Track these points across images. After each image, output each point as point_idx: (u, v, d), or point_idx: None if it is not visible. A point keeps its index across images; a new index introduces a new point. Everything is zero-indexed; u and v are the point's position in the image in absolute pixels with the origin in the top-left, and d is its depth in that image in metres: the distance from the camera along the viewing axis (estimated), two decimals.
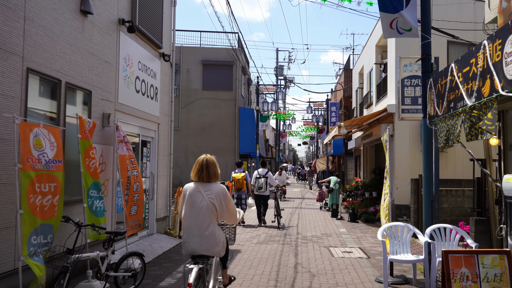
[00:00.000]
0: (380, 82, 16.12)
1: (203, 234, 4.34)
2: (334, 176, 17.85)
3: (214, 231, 4.40)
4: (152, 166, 9.93)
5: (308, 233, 10.98)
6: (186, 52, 25.50)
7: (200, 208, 4.39)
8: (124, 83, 8.11)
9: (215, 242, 4.41)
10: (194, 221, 4.39)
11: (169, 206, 10.83)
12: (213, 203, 4.41)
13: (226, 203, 4.53)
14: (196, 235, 4.35)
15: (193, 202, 4.43)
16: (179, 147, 25.30)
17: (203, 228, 4.35)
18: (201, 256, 4.38)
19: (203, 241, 4.34)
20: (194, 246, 4.36)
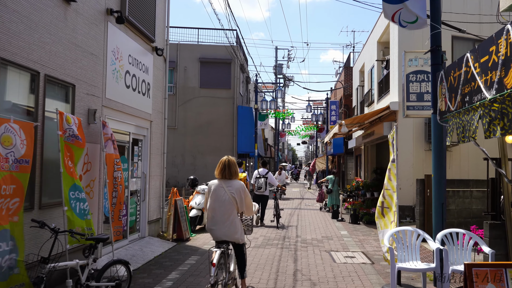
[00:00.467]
0: (382, 79, 15.64)
1: (225, 223, 5.19)
2: (331, 175, 17.41)
3: (234, 221, 5.26)
4: (144, 165, 9.43)
5: (308, 236, 10.49)
6: (183, 49, 24.99)
7: (223, 201, 5.23)
8: (112, 77, 7.61)
9: (235, 230, 5.25)
10: (218, 212, 5.22)
11: (162, 208, 10.34)
12: (234, 197, 5.24)
13: (245, 197, 5.35)
14: (219, 224, 5.20)
15: (217, 196, 5.27)
16: (176, 147, 24.82)
17: (225, 218, 5.20)
18: (223, 242, 5.21)
19: (225, 229, 5.19)
20: (217, 233, 5.21)
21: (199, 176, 25.11)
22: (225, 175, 5.45)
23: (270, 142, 47.92)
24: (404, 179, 13.00)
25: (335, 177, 17.24)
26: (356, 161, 22.97)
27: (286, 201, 20.60)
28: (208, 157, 24.69)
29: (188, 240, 9.95)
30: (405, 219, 12.76)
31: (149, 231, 9.61)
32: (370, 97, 18.08)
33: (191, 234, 10.51)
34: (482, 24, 12.95)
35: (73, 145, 5.81)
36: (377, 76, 16.58)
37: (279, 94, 25.01)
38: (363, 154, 19.70)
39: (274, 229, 11.59)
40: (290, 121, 39.36)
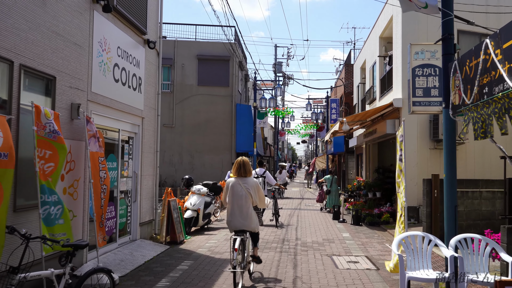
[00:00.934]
0: (385, 75, 15.14)
1: (242, 215, 6.03)
2: (329, 175, 16.96)
3: (250, 213, 6.12)
4: (135, 164, 8.92)
5: (308, 239, 9.99)
6: (181, 46, 24.50)
7: (240, 196, 6.07)
8: (99, 70, 7.10)
9: (251, 221, 6.12)
10: (236, 205, 6.07)
11: (155, 209, 9.84)
12: (249, 192, 6.08)
13: (258, 192, 6.20)
14: (238, 216, 6.05)
15: (235, 192, 6.10)
16: (173, 145, 24.32)
17: (243, 210, 6.04)
18: (241, 231, 6.05)
19: (243, 220, 6.03)
20: (236, 224, 6.06)
21: (197, 176, 24.65)
22: (241, 173, 6.26)
23: (270, 141, 47.44)
24: (408, 179, 12.47)
25: (332, 177, 16.78)
26: (357, 160, 22.48)
27: (285, 201, 20.10)
28: (206, 156, 24.21)
29: (182, 243, 9.46)
30: (409, 220, 12.27)
31: (141, 233, 9.11)
32: (371, 95, 17.58)
33: (186, 237, 10.01)
34: (488, 16, 12.46)
35: (55, 142, 5.30)
36: (379, 73, 16.08)
37: (279, 92, 24.48)
38: (365, 153, 19.20)
39: (273, 229, 11.10)
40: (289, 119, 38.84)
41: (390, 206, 13.43)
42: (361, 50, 20.93)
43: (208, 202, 11.38)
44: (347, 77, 24.96)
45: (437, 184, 8.61)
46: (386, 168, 18.10)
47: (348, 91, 24.79)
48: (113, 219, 7.82)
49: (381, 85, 15.77)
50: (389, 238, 10.22)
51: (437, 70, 8.64)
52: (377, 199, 15.43)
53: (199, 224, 10.94)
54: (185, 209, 10.84)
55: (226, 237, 10.04)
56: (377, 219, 12.66)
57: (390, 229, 11.48)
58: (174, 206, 9.64)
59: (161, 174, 23.97)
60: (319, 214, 15.31)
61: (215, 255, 8.16)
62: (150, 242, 9.06)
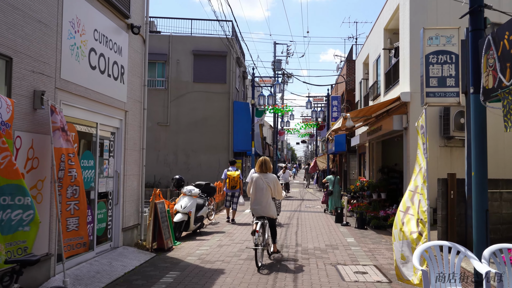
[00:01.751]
0: (390, 69, 14.25)
1: (263, 203, 7.35)
2: (331, 176, 16.13)
3: (270, 202, 7.43)
4: (117, 163, 8.02)
5: (309, 245, 9.09)
6: (176, 41, 23.59)
7: (262, 188, 7.39)
8: (70, 54, 6.20)
9: (270, 209, 7.42)
10: (258, 196, 7.39)
11: (141, 212, 8.93)
12: (269, 186, 7.42)
13: (277, 185, 7.54)
14: (259, 204, 7.37)
15: (257, 185, 7.44)
16: (168, 144, 23.41)
17: (264, 200, 7.36)
18: (262, 217, 7.34)
19: (264, 208, 7.35)
20: (258, 211, 7.37)
21: (192, 176, 23.72)
22: (263, 169, 7.65)
23: (269, 141, 46.54)
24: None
25: (335, 177, 16.01)
26: (359, 159, 21.58)
27: (284, 202, 19.19)
28: (202, 155, 23.30)
29: (171, 250, 8.55)
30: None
31: (124, 240, 8.20)
32: (375, 90, 16.69)
33: (175, 243, 9.10)
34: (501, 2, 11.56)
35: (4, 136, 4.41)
36: (384, 67, 15.19)
37: (278, 89, 23.57)
38: (368, 151, 18.31)
39: None
40: (289, 118, 37.97)
41: (396, 208, 12.51)
42: (364, 45, 20.04)
43: (200, 204, 10.48)
44: (349, 74, 24.07)
45: (454, 184, 7.72)
46: (391, 167, 17.25)
47: (350, 88, 23.90)
48: (90, 224, 6.91)
49: (386, 79, 14.88)
50: None
51: (453, 57, 7.75)
52: (382, 201, 14.54)
53: (190, 229, 10.04)
54: (175, 212, 9.94)
55: (219, 243, 9.14)
56: (383, 222, 11.76)
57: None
58: (161, 209, 8.73)
59: (155, 174, 23.09)
60: (320, 217, 14.40)
61: (205, 264, 7.25)
62: (134, 249, 8.15)
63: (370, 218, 12.11)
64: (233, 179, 12.41)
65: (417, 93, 11.64)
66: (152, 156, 23.21)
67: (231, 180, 12.41)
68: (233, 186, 12.43)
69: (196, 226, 10.23)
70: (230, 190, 12.48)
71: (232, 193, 12.53)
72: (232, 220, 12.45)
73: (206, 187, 11.26)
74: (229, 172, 12.53)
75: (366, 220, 11.99)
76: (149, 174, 22.87)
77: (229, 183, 12.43)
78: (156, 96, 23.34)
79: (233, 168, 12.75)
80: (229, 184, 12.44)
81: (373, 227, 11.74)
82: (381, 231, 11.22)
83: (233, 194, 12.54)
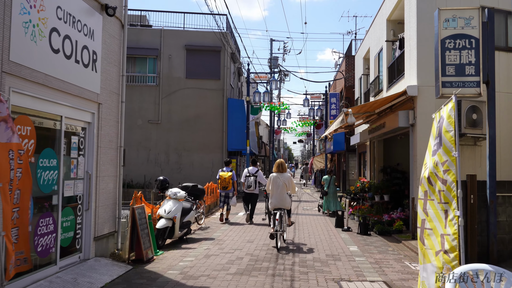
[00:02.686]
0: (394, 62, 13.28)
1: (280, 198, 9.01)
2: (326, 176, 15.42)
3: (286, 196, 9.12)
4: (88, 162, 7.00)
5: (308, 255, 8.09)
6: (168, 36, 22.60)
7: (278, 186, 9.01)
8: (24, 32, 5.18)
9: (286, 202, 9.09)
10: (276, 191, 9.02)
11: (118, 218, 7.92)
12: (285, 183, 9.05)
13: (291, 183, 9.20)
14: (277, 198, 9.01)
15: (275, 183, 9.07)
16: (159, 143, 22.39)
17: (280, 195, 9.02)
18: (279, 208, 8.97)
19: (281, 201, 9.01)
20: (276, 204, 9.01)
21: (185, 176, 22.68)
22: (280, 170, 9.21)
23: (265, 140, 45.54)
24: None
25: (331, 177, 15.29)
26: (359, 159, 20.62)
27: None
28: (195, 154, 22.30)
29: (151, 261, 7.54)
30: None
31: (97, 250, 7.19)
32: (377, 85, 15.72)
33: (157, 252, 8.10)
34: None
35: None
36: (387, 60, 14.22)
37: (274, 85, 22.56)
38: (369, 151, 17.34)
39: (265, 241, 9.18)
40: (286, 117, 37.00)
41: (402, 212, 11.56)
42: (364, 38, 19.07)
43: (187, 208, 9.48)
44: (348, 70, 23.10)
45: (474, 188, 6.75)
46: (393, 167, 16.31)
47: (349, 84, 22.94)
48: (51, 234, 5.90)
49: (389, 73, 13.92)
50: (407, 254, 8.34)
51: (473, 42, 6.76)
52: (384, 203, 13.58)
53: (175, 236, 9.03)
54: (158, 217, 8.94)
55: (206, 253, 8.14)
56: (387, 228, 10.79)
57: (405, 239, 9.61)
58: (140, 214, 7.73)
59: (145, 174, 22.08)
60: (319, 220, 13.41)
61: (187, 280, 6.25)
62: (109, 261, 7.14)
63: (373, 223, 11.14)
64: (224, 180, 12.40)
65: (425, 86, 10.68)
66: (142, 155, 22.21)
67: (222, 181, 12.44)
68: (224, 187, 12.44)
69: (182, 233, 9.22)
70: (222, 190, 12.56)
71: (225, 193, 12.56)
72: (225, 219, 12.56)
73: (193, 189, 10.26)
74: (221, 173, 12.58)
75: (369, 225, 11.01)
76: (139, 174, 21.90)
77: (221, 183, 12.49)
78: (147, 92, 22.35)
79: (227, 168, 12.73)
80: (221, 185, 12.50)
81: (377, 233, 10.76)
82: (386, 238, 10.24)
83: (226, 194, 12.57)
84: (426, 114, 10.68)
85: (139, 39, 22.34)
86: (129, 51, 22.53)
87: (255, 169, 12.39)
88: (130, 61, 22.48)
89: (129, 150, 22.13)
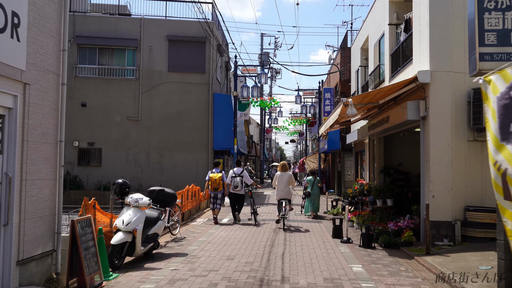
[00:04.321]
0: (398, 47, 11.66)
1: (284, 191, 11.83)
2: (310, 177, 14.89)
3: (289, 189, 11.94)
4: (8, 161, 5.24)
5: (301, 279, 6.38)
6: (148, 25, 20.83)
7: (282, 181, 11.86)
8: None
9: (289, 194, 11.94)
10: (281, 186, 11.86)
11: (58, 232, 6.16)
12: (288, 180, 11.91)
13: (292, 179, 12.15)
14: (282, 191, 11.83)
15: (281, 179, 11.91)
16: (139, 142, 20.58)
17: (284, 189, 11.85)
18: (283, 199, 11.64)
19: (284, 193, 11.81)
20: (282, 195, 11.78)
21: (167, 178, 20.85)
22: (283, 169, 12.31)
23: (256, 139, 43.85)
24: (439, 183, 9.01)
25: (315, 178, 14.54)
26: (356, 158, 18.99)
27: (269, 208, 16.47)
28: (177, 154, 20.53)
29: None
30: (441, 240, 8.78)
31: (24, 277, 5.43)
32: (377, 76, 14.08)
33: (108, 276, 6.34)
34: None
35: None
36: (389, 47, 12.58)
37: (263, 79, 20.84)
38: (368, 149, 15.70)
39: (248, 258, 7.47)
40: (277, 115, 35.29)
41: (410, 220, 9.90)
42: (362, 27, 17.43)
43: (152, 218, 7.74)
44: (343, 63, 21.47)
45: None
46: (395, 168, 14.72)
47: (344, 78, 21.31)
48: None
49: (393, 61, 12.29)
50: (425, 275, 6.66)
51: None
52: (387, 208, 11.93)
53: (136, 253, 7.28)
54: (114, 230, 7.18)
55: (173, 276, 6.40)
56: (395, 239, 9.11)
57: (417, 254, 7.95)
58: (84, 230, 5.98)
59: (123, 175, 20.23)
60: (313, 228, 11.71)
61: None
62: None
63: (377, 233, 9.46)
64: (215, 181, 12.42)
65: (440, 72, 9.06)
66: (120, 155, 20.42)
67: (213, 182, 12.45)
68: (215, 188, 12.45)
69: (145, 249, 7.47)
70: (212, 192, 12.55)
71: (214, 194, 12.57)
72: (214, 218, 12.60)
73: (160, 194, 8.49)
74: (211, 174, 12.59)
75: (373, 236, 9.32)
76: (117, 175, 19.97)
77: (211, 185, 12.48)
78: (126, 87, 20.57)
79: (217, 169, 12.67)
80: (212, 186, 12.48)
81: (383, 245, 9.08)
82: (395, 252, 8.56)
83: (216, 196, 12.57)
84: (441, 105, 9.05)
85: (117, 29, 20.56)
86: (106, 42, 20.95)
87: (240, 170, 12.64)
88: (107, 52, 20.71)
89: (106, 150, 20.38)
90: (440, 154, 8.99)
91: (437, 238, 8.80)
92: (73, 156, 20.15)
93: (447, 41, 9.09)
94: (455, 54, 9.07)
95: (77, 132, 20.04)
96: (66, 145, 20.88)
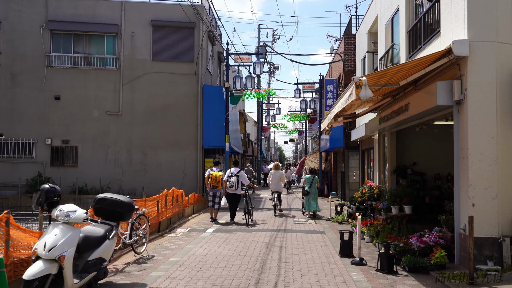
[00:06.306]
0: (419, 20, 9.59)
1: (277, 185, 15.46)
2: (309, 175, 14.67)
3: (280, 184, 15.69)
4: None
5: None
6: (130, 9, 18.74)
7: (275, 177, 15.57)
8: None
9: (280, 187, 15.68)
10: (274, 181, 15.53)
11: None
12: (280, 177, 15.63)
13: (283, 176, 15.99)
14: (276, 185, 15.46)
15: (274, 176, 15.63)
16: (120, 139, 18.41)
17: (277, 183, 15.49)
18: (276, 191, 15.32)
19: (277, 187, 15.45)
20: (275, 188, 15.43)
21: (151, 179, 18.54)
22: (276, 169, 15.84)
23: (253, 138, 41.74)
24: (481, 187, 6.90)
25: (313, 177, 14.30)
26: (362, 157, 16.88)
27: (264, 214, 14.39)
28: (163, 153, 18.41)
29: None
30: (484, 263, 6.67)
31: None
32: (390, 59, 11.98)
33: None
34: None
35: None
36: (407, 22, 10.48)
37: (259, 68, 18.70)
38: (377, 146, 13.61)
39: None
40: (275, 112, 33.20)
41: (439, 233, 7.79)
42: (369, 7, 15.33)
43: (95, 237, 5.60)
44: (347, 51, 19.36)
45: None
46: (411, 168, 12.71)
47: (348, 68, 19.21)
48: None
49: (411, 38, 10.20)
50: None
51: None
52: (405, 217, 9.82)
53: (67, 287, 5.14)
54: (33, 256, 5.03)
55: None
56: (422, 261, 7.00)
57: (457, 283, 5.85)
58: None
59: (101, 177, 18.08)
60: (315, 242, 9.59)
61: None
62: None
63: (399, 252, 7.34)
64: (215, 179, 12.52)
65: (482, 42, 7.00)
66: (99, 154, 18.29)
67: (213, 180, 12.52)
68: (214, 186, 12.53)
69: (82, 282, 5.32)
70: (211, 190, 12.61)
71: (213, 193, 12.67)
72: (214, 220, 12.58)
73: (112, 204, 6.33)
74: (212, 172, 12.69)
75: (394, 255, 7.19)
76: (95, 176, 17.91)
77: (211, 182, 12.54)
78: (105, 78, 18.45)
79: (217, 168, 12.90)
80: (211, 184, 12.55)
81: (407, 269, 6.95)
82: (425, 280, 6.43)
83: (215, 194, 12.68)
84: (483, 85, 6.94)
85: (95, 13, 18.48)
86: (83, 27, 18.47)
87: (237, 170, 12.70)
88: (84, 39, 18.61)
89: (82, 148, 18.27)
90: (482, 149, 6.88)
91: (478, 260, 6.70)
92: (45, 155, 18.09)
93: (490, 2, 7.00)
94: (501, 20, 7.00)
95: (50, 128, 18.01)
96: (38, 143, 18.88)
